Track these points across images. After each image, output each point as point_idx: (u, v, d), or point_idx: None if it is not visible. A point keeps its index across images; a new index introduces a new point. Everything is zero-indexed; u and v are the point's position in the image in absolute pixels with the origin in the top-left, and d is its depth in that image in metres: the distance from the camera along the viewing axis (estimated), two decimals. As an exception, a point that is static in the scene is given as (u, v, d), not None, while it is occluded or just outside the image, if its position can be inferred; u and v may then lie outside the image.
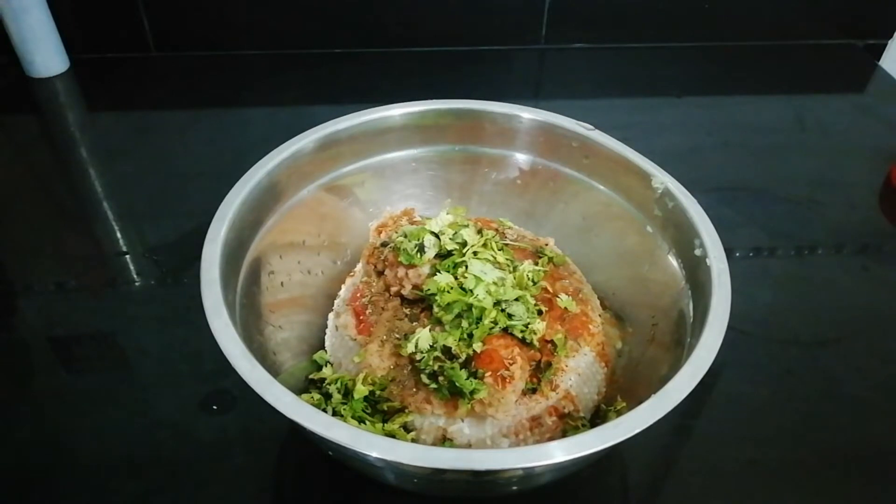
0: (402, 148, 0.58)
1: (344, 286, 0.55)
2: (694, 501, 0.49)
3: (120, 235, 0.71)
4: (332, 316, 0.53)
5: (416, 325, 0.47)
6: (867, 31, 1.06)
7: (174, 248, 0.68)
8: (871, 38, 1.06)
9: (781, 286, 0.67)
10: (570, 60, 1.03)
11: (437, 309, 0.45)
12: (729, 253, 0.45)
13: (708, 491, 0.50)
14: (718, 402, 0.55)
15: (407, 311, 0.49)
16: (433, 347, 0.44)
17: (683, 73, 1.01)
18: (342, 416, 0.44)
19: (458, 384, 0.42)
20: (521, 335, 0.45)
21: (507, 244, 0.51)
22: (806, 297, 0.66)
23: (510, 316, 0.45)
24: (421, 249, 0.48)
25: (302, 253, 0.54)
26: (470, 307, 0.45)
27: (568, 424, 0.45)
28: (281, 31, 0.99)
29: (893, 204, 0.77)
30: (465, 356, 0.43)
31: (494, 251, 0.49)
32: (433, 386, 0.43)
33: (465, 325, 0.44)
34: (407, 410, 0.44)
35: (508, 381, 0.42)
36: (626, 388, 0.48)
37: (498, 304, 0.45)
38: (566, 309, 0.48)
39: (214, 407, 0.53)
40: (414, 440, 0.44)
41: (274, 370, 0.43)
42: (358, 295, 0.51)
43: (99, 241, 0.71)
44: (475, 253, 0.48)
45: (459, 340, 0.44)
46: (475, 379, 0.42)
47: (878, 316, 0.63)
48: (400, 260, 0.48)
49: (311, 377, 0.49)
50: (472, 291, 0.45)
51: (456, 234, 0.49)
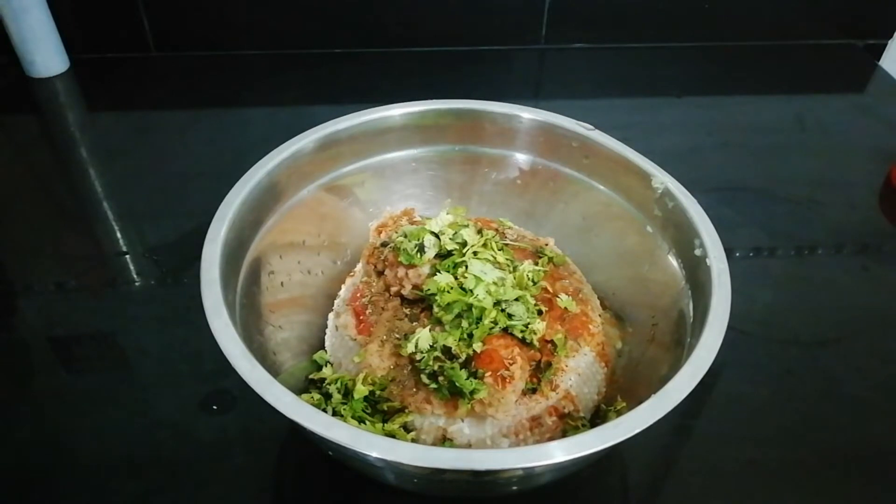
0: (402, 148, 0.58)
1: (344, 286, 0.55)
2: (694, 501, 0.49)
3: (120, 235, 0.71)
4: (332, 316, 0.53)
5: (416, 325, 0.47)
6: (867, 31, 1.06)
7: (174, 248, 0.68)
8: (871, 38, 1.06)
9: (781, 286, 0.67)
10: (570, 60, 1.03)
11: (437, 309, 0.45)
12: (729, 253, 0.45)
13: (708, 491, 0.50)
14: (718, 402, 0.55)
15: (407, 311, 0.49)
16: (433, 347, 0.44)
17: (683, 73, 1.01)
18: (342, 416, 0.44)
19: (458, 384, 0.42)
20: (521, 335, 0.45)
21: (507, 244, 0.51)
22: (806, 297, 0.66)
23: (510, 316, 0.45)
24: (421, 249, 0.48)
25: (302, 253, 0.54)
26: (470, 307, 0.45)
27: (568, 424, 0.45)
28: (281, 31, 0.99)
29: (893, 204, 0.77)
30: (465, 356, 0.43)
31: (494, 251, 0.49)
32: (433, 386, 0.43)
33: (465, 325, 0.44)
34: (407, 410, 0.44)
35: (508, 381, 0.42)
36: (626, 388, 0.48)
37: (498, 304, 0.45)
38: (566, 309, 0.48)
39: (214, 407, 0.53)
40: (414, 440, 0.44)
41: (274, 370, 0.43)
42: (358, 295, 0.51)
43: (99, 241, 0.71)
44: (475, 253, 0.48)
45: (459, 340, 0.44)
46: (475, 379, 0.42)
47: (878, 316, 0.63)
48: (400, 260, 0.48)
49: (311, 377, 0.49)
50: (472, 291, 0.45)
51: (456, 234, 0.49)
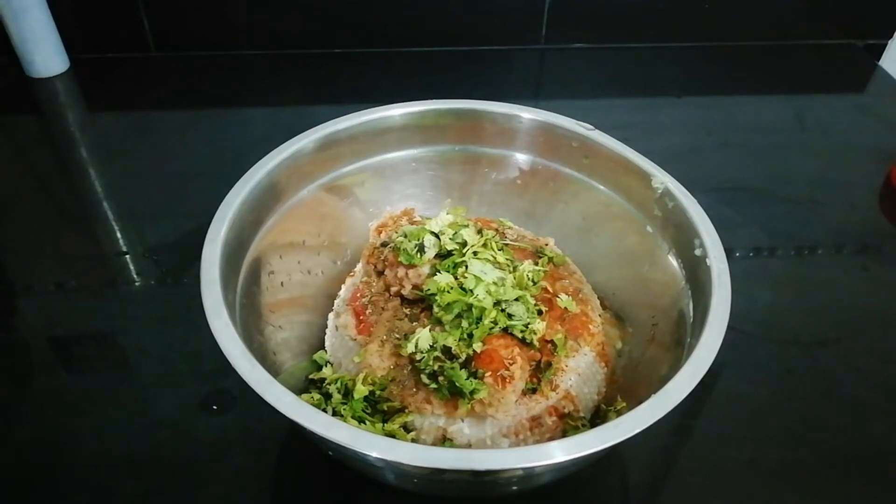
0: (402, 148, 0.58)
1: (344, 286, 0.55)
2: (694, 501, 0.49)
3: (120, 235, 0.71)
4: (332, 316, 0.53)
5: (416, 325, 0.47)
6: (867, 31, 1.06)
7: (174, 248, 0.68)
8: (871, 38, 1.06)
9: (781, 286, 0.67)
10: (570, 60, 1.03)
11: (437, 309, 0.45)
12: (729, 253, 0.45)
13: (708, 491, 0.50)
14: (718, 402, 0.55)
15: (407, 311, 0.49)
16: (433, 347, 0.44)
17: (683, 73, 1.01)
18: (342, 416, 0.44)
19: (458, 384, 0.42)
20: (521, 335, 0.45)
21: (507, 244, 0.51)
22: (806, 297, 0.65)
23: (510, 316, 0.45)
24: (421, 249, 0.48)
25: (302, 253, 0.54)
26: (470, 307, 0.45)
27: (568, 424, 0.45)
28: (281, 31, 0.99)
29: (893, 204, 0.77)
30: (465, 356, 0.43)
31: (494, 251, 0.49)
32: (433, 386, 0.43)
33: (465, 325, 0.44)
34: (407, 410, 0.44)
35: (508, 381, 0.42)
36: (626, 388, 0.48)
37: (498, 304, 0.45)
38: (566, 309, 0.48)
39: (214, 407, 0.53)
40: (414, 440, 0.44)
41: (274, 370, 0.43)
42: (358, 295, 0.51)
43: (99, 241, 0.71)
44: (475, 253, 0.48)
45: (459, 340, 0.44)
46: (475, 379, 0.42)
47: (878, 316, 0.63)
48: (400, 260, 0.48)
49: (311, 377, 0.49)
50: (472, 291, 0.45)
51: (456, 234, 0.49)
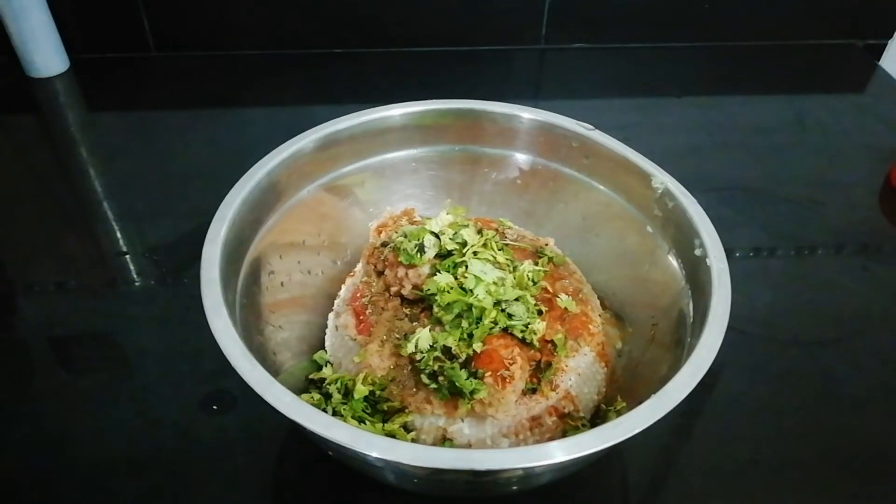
0: (402, 148, 0.58)
1: (344, 286, 0.55)
2: (694, 501, 0.49)
3: (120, 235, 0.71)
4: (332, 316, 0.53)
5: (416, 325, 0.47)
6: (867, 31, 1.06)
7: (174, 248, 0.68)
8: (871, 38, 1.06)
9: (781, 286, 0.67)
10: (570, 60, 1.03)
11: (437, 309, 0.45)
12: (729, 253, 0.45)
13: (708, 491, 0.50)
14: (718, 402, 0.55)
15: (407, 311, 0.49)
16: (433, 347, 0.44)
17: (683, 73, 1.01)
18: (342, 416, 0.44)
19: (458, 384, 0.42)
20: (521, 335, 0.45)
21: (507, 244, 0.51)
22: (806, 297, 0.65)
23: (510, 316, 0.45)
24: (421, 249, 0.48)
25: (302, 253, 0.54)
26: (470, 307, 0.45)
27: (568, 424, 0.45)
28: (281, 31, 0.99)
29: (893, 204, 0.77)
30: (465, 356, 0.43)
31: (494, 251, 0.49)
32: (433, 386, 0.43)
33: (465, 325, 0.44)
34: (407, 410, 0.44)
35: (508, 381, 0.42)
36: (626, 388, 0.48)
37: (498, 304, 0.45)
38: (566, 309, 0.48)
39: (214, 407, 0.53)
40: (414, 440, 0.44)
41: (274, 370, 0.43)
42: (358, 295, 0.51)
43: (99, 241, 0.71)
44: (475, 253, 0.48)
45: (459, 340, 0.44)
46: (475, 379, 0.42)
47: (878, 316, 0.63)
48: (400, 260, 0.48)
49: (311, 377, 0.49)
50: (472, 291, 0.45)
51: (456, 234, 0.49)
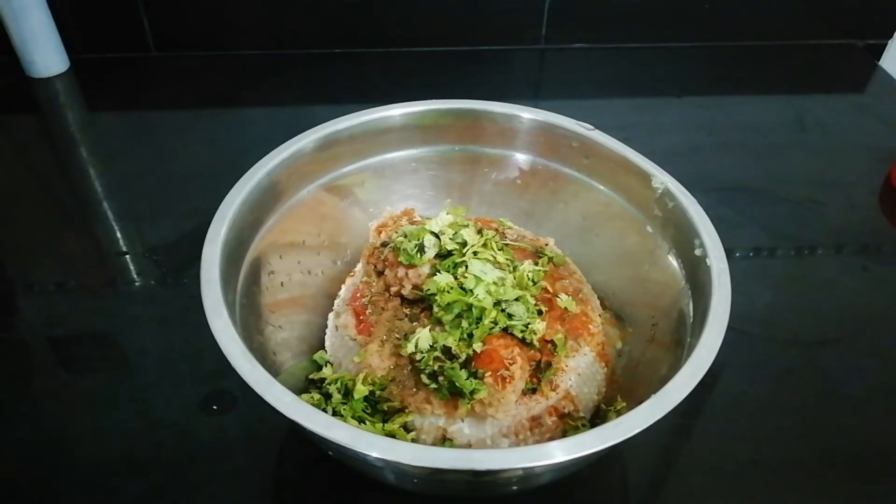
0: (402, 148, 0.58)
1: (344, 286, 0.55)
2: (694, 501, 0.49)
3: (120, 235, 0.71)
4: (332, 316, 0.53)
5: (416, 325, 0.47)
6: (867, 31, 1.06)
7: (174, 248, 0.68)
8: (871, 38, 1.06)
9: (781, 286, 0.67)
10: (570, 60, 1.03)
11: (437, 309, 0.45)
12: (729, 253, 0.45)
13: (708, 491, 0.50)
14: (718, 402, 0.55)
15: (407, 311, 0.49)
16: (433, 347, 0.44)
17: (683, 73, 1.01)
18: (342, 416, 0.44)
19: (458, 384, 0.42)
20: (521, 335, 0.45)
21: (507, 244, 0.51)
22: (806, 297, 0.66)
23: (510, 316, 0.45)
24: (421, 249, 0.48)
25: (302, 253, 0.54)
26: (470, 307, 0.45)
27: (568, 424, 0.45)
28: (281, 31, 0.99)
29: (893, 204, 0.77)
30: (465, 356, 0.43)
31: (494, 251, 0.49)
32: (433, 386, 0.43)
33: (465, 325, 0.44)
34: (407, 410, 0.44)
35: (508, 381, 0.42)
36: (626, 388, 0.48)
37: (498, 304, 0.45)
38: (566, 309, 0.48)
39: (214, 407, 0.53)
40: (414, 440, 0.44)
41: (274, 370, 0.43)
42: (358, 295, 0.51)
43: (99, 241, 0.71)
44: (475, 253, 0.48)
45: (459, 340, 0.44)
46: (475, 379, 0.42)
47: (878, 316, 0.63)
48: (400, 260, 0.48)
49: (311, 377, 0.49)
50: (472, 291, 0.45)
51: (456, 234, 0.49)
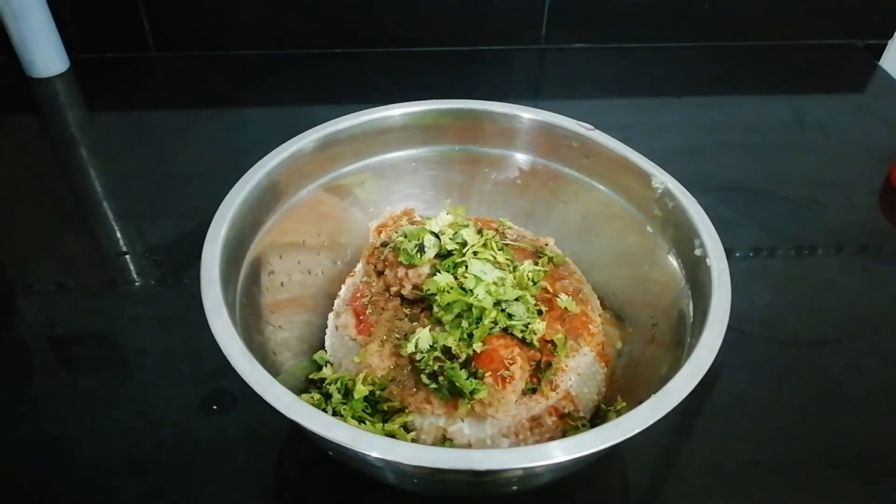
0: (402, 148, 0.58)
1: (344, 286, 0.55)
2: (694, 501, 0.49)
3: (120, 235, 0.71)
4: (332, 316, 0.53)
5: (416, 325, 0.47)
6: (867, 31, 1.06)
7: (174, 248, 0.68)
8: (871, 38, 1.06)
9: (781, 286, 0.67)
10: (570, 60, 1.03)
11: (437, 309, 0.45)
12: (729, 253, 0.45)
13: (708, 491, 0.50)
14: (718, 402, 0.55)
15: (407, 311, 0.49)
16: (433, 347, 0.44)
17: (683, 73, 1.01)
18: (342, 416, 0.44)
19: (458, 384, 0.42)
20: (521, 335, 0.45)
21: (507, 244, 0.51)
22: (806, 297, 0.66)
23: (510, 316, 0.45)
24: (421, 249, 0.48)
25: (302, 253, 0.54)
26: (470, 307, 0.45)
27: (568, 424, 0.45)
28: (281, 31, 0.99)
29: (893, 204, 0.77)
30: (465, 356, 0.43)
31: (494, 251, 0.49)
32: (433, 386, 0.43)
33: (465, 325, 0.44)
34: (407, 410, 0.44)
35: (508, 381, 0.42)
36: (626, 388, 0.48)
37: (498, 304, 0.45)
38: (566, 309, 0.48)
39: (214, 407, 0.53)
40: (414, 440, 0.44)
41: (274, 370, 0.43)
42: (358, 295, 0.51)
43: (99, 241, 0.71)
44: (475, 253, 0.48)
45: (459, 340, 0.44)
46: (475, 379, 0.42)
47: (878, 316, 0.63)
48: (400, 260, 0.48)
49: (311, 377, 0.49)
50: (472, 291, 0.45)
51: (456, 234, 0.49)
